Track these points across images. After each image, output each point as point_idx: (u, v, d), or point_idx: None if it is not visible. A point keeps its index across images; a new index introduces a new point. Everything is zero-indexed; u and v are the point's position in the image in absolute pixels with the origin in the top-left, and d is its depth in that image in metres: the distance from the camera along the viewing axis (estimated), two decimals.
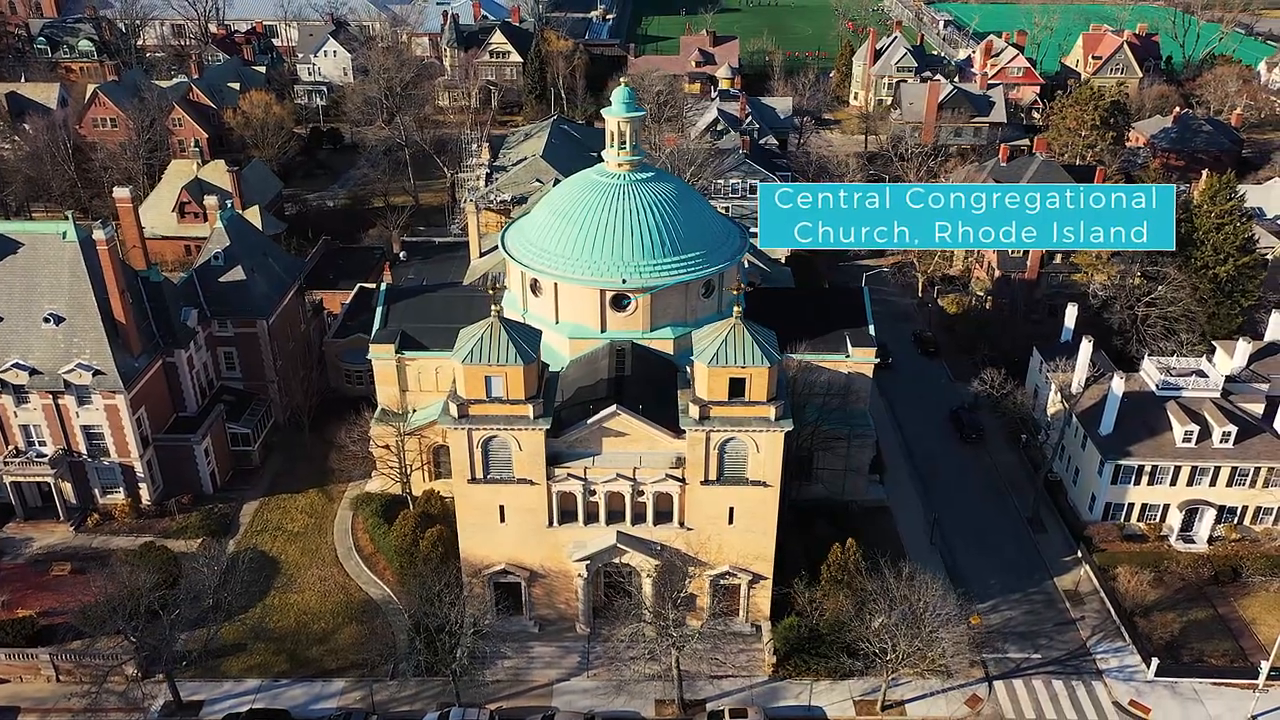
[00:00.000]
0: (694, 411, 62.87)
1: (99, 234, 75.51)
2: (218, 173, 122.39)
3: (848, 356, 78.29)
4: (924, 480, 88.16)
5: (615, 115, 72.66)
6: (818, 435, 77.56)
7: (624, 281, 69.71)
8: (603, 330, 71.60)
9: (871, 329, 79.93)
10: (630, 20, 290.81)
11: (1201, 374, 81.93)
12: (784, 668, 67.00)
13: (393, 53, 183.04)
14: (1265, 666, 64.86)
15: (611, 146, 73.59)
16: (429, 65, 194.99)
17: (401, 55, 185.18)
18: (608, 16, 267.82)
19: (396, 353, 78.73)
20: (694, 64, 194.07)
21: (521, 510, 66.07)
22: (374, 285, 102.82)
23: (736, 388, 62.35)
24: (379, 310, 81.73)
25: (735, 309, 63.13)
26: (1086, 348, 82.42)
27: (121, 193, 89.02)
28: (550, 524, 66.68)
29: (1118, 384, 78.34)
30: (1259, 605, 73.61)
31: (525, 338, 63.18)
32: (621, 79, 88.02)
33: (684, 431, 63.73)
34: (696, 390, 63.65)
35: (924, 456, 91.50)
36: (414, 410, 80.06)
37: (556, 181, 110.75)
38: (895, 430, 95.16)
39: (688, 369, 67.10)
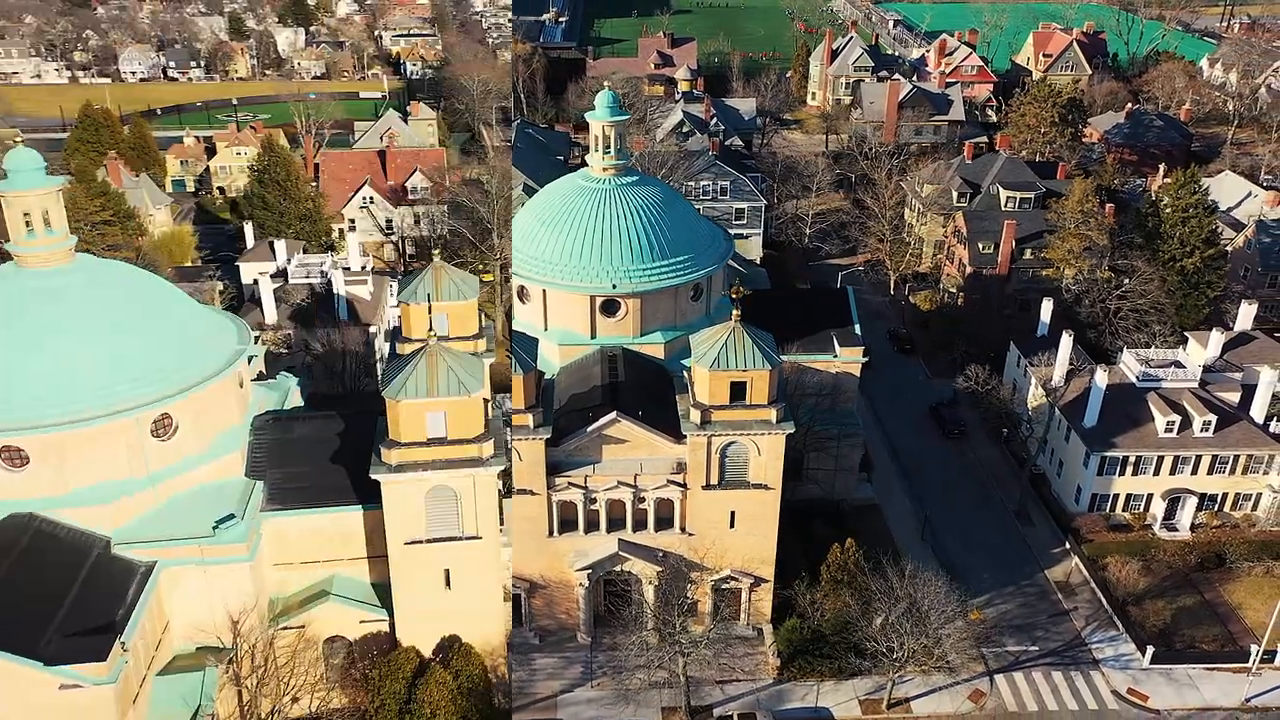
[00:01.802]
0: (695, 416, 62.53)
1: None
2: None
3: (835, 356, 78.51)
4: (909, 477, 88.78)
5: (599, 120, 72.07)
6: (810, 436, 77.72)
7: (614, 287, 69.10)
8: (593, 336, 70.85)
9: (857, 328, 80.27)
10: (583, 22, 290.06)
11: (1179, 365, 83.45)
12: (789, 669, 66.86)
13: None
14: (1256, 650, 66.16)
15: (596, 151, 73.05)
16: None
17: None
18: (560, 19, 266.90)
19: None
20: (653, 66, 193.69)
21: (521, 520, 65.21)
22: None
23: (737, 391, 62.12)
24: None
25: (734, 312, 62.88)
26: (1067, 342, 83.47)
27: None
28: (551, 534, 65.92)
29: (1101, 377, 79.49)
30: (1244, 590, 75.07)
31: (523, 346, 62.39)
32: (605, 83, 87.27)
33: (684, 436, 63.37)
34: (696, 394, 63.30)
35: (908, 453, 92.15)
36: None
37: (525, 185, 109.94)
38: (877, 428, 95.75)
39: (683, 373, 66.82)
